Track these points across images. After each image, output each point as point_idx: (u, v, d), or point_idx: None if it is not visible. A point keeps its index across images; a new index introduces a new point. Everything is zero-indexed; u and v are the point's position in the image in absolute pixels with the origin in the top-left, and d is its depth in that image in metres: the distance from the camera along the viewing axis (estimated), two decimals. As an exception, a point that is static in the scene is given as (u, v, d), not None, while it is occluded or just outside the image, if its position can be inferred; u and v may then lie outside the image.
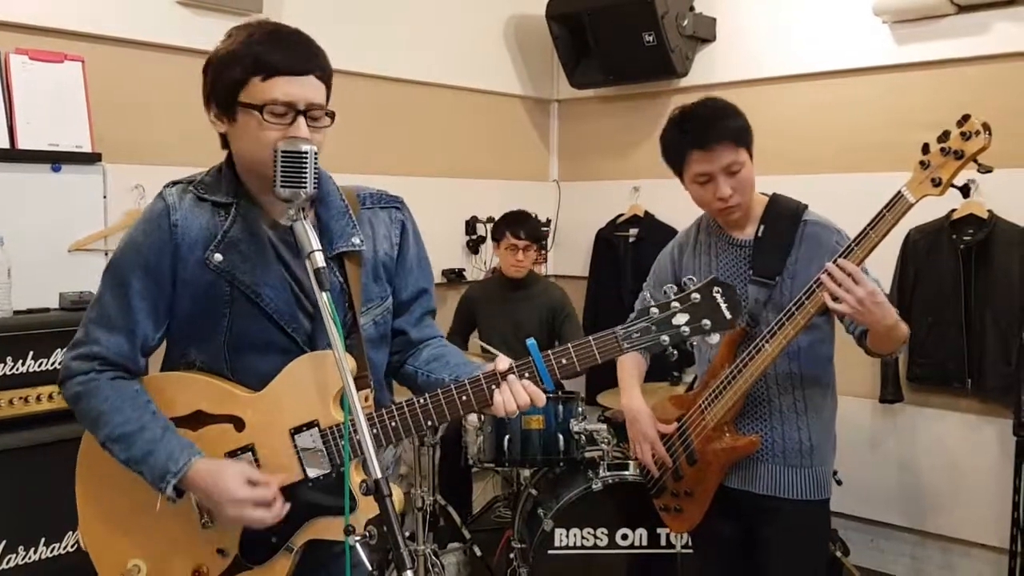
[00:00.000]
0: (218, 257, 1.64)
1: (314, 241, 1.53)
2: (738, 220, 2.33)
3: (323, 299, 1.48)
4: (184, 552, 1.69)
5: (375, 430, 1.61)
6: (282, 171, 1.53)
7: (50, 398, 2.56)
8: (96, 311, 1.67)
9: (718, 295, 1.57)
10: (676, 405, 2.46)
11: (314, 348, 1.68)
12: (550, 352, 1.63)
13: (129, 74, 3.31)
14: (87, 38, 3.18)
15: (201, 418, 1.67)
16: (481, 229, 4.72)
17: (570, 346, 1.62)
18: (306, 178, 1.53)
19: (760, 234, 2.30)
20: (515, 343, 3.90)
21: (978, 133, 1.92)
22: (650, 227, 4.59)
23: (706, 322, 1.57)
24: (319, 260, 1.51)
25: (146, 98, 3.31)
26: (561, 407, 3.47)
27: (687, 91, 4.53)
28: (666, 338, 1.58)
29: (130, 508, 1.70)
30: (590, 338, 1.61)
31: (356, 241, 1.72)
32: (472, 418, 3.51)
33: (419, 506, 3.60)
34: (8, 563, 2.54)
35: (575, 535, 3.28)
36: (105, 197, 3.04)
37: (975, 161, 1.94)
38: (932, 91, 3.79)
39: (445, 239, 4.64)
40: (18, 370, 2.54)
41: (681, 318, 1.57)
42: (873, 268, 2.29)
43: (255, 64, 1.57)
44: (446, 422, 1.70)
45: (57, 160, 2.94)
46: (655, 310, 1.58)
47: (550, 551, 3.27)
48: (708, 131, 2.22)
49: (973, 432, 3.76)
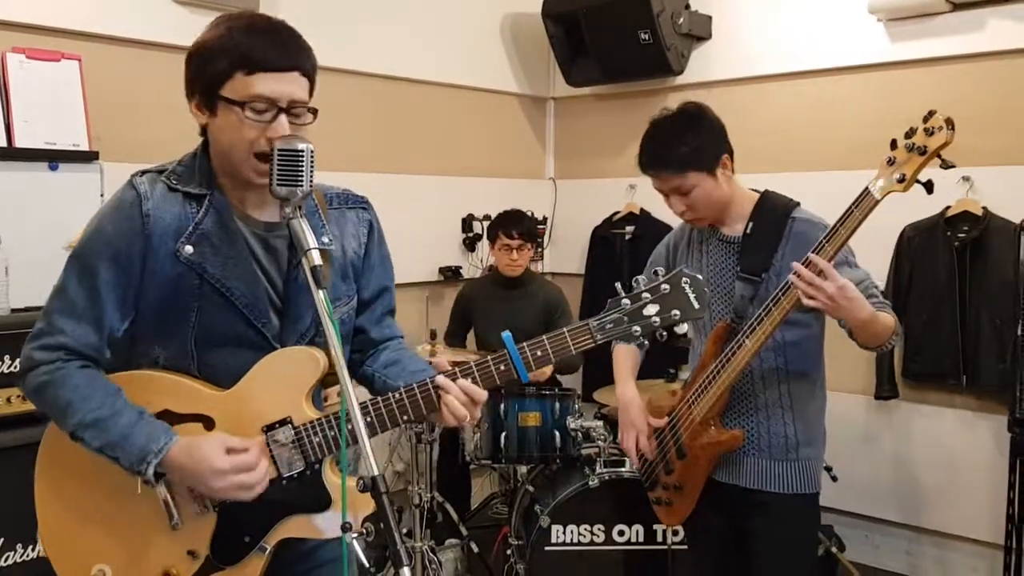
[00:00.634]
0: (189, 249, 1.60)
1: (311, 239, 1.52)
2: (731, 213, 2.35)
3: (319, 297, 1.47)
4: (152, 555, 1.64)
5: (350, 426, 1.60)
6: (279, 169, 1.52)
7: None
8: (60, 301, 1.61)
9: (686, 285, 1.61)
10: (669, 399, 2.49)
11: (283, 345, 1.66)
12: (524, 344, 1.65)
13: (126, 73, 3.31)
14: (84, 37, 3.19)
15: (169, 417, 1.62)
16: (477, 227, 4.72)
17: (544, 338, 1.64)
18: (303, 177, 1.53)
19: (748, 231, 2.32)
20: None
21: (940, 128, 1.92)
22: (646, 225, 4.60)
23: (675, 312, 1.61)
24: (316, 258, 1.49)
25: (143, 97, 3.32)
26: (558, 404, 3.48)
27: (683, 89, 4.55)
28: (638, 328, 1.62)
29: (94, 510, 1.66)
30: (564, 329, 1.64)
31: (326, 240, 1.71)
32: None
33: (416, 503, 3.61)
34: (7, 560, 2.54)
35: (572, 531, 3.29)
36: (102, 195, 3.03)
37: (939, 156, 1.94)
38: (927, 89, 3.80)
39: (441, 237, 4.65)
40: (15, 368, 2.54)
41: (652, 308, 1.62)
42: (867, 265, 2.30)
43: (240, 58, 1.54)
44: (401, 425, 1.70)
45: (54, 159, 2.93)
46: (626, 301, 1.63)
47: (547, 547, 3.28)
48: (651, 158, 2.30)
49: (968, 428, 3.77)
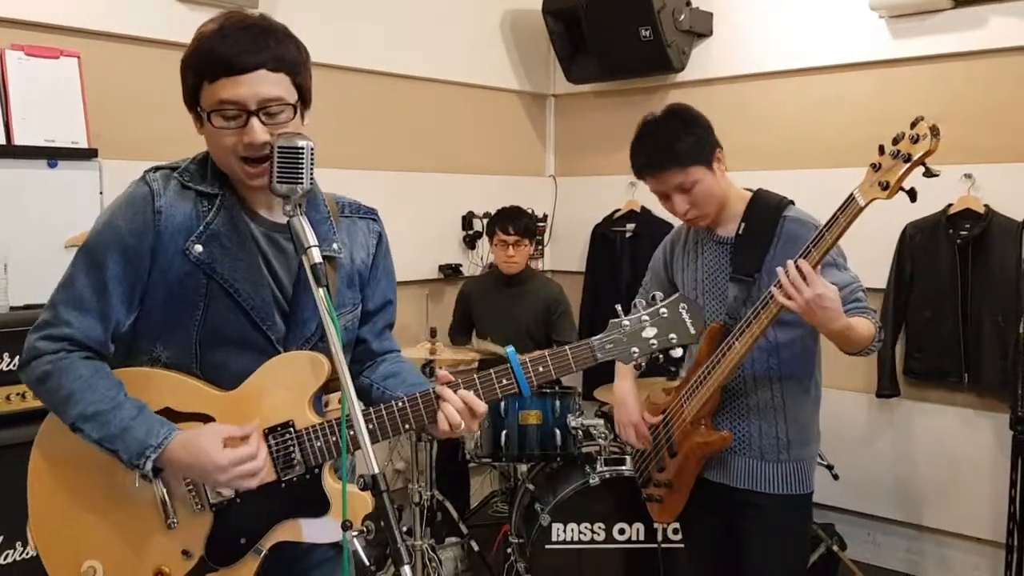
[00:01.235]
0: (199, 248, 1.60)
1: (311, 237, 1.51)
2: (724, 215, 2.35)
3: (319, 294, 1.47)
4: (145, 553, 1.63)
5: (351, 432, 1.60)
6: (278, 167, 1.52)
7: (47, 394, 2.55)
8: (67, 292, 1.61)
9: (683, 311, 1.69)
10: (665, 396, 2.50)
11: (287, 349, 1.66)
12: (527, 360, 1.66)
13: (125, 70, 3.30)
14: (83, 34, 3.18)
15: (169, 416, 1.61)
16: (477, 224, 4.71)
17: (547, 354, 1.67)
18: (302, 174, 1.52)
19: (741, 231, 2.32)
20: (512, 339, 3.89)
21: (925, 136, 1.87)
22: (646, 222, 4.59)
23: (672, 336, 1.69)
24: (316, 256, 1.49)
25: (142, 94, 3.31)
26: (558, 402, 3.48)
27: (683, 86, 4.54)
28: (636, 350, 1.69)
29: (88, 505, 1.64)
30: (567, 348, 1.68)
31: (336, 247, 1.71)
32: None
33: (416, 501, 3.60)
34: (6, 559, 2.54)
35: (572, 530, 3.29)
36: (101, 193, 3.03)
37: (923, 164, 1.89)
38: (929, 86, 3.79)
39: (441, 234, 4.64)
40: (15, 366, 2.53)
41: (650, 331, 1.69)
42: (869, 263, 2.29)
43: (202, 67, 1.54)
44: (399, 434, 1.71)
45: (53, 156, 2.93)
46: (627, 324, 1.69)
47: (547, 546, 3.28)
48: (651, 157, 2.29)
49: (970, 427, 3.77)
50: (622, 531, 3.29)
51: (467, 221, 4.73)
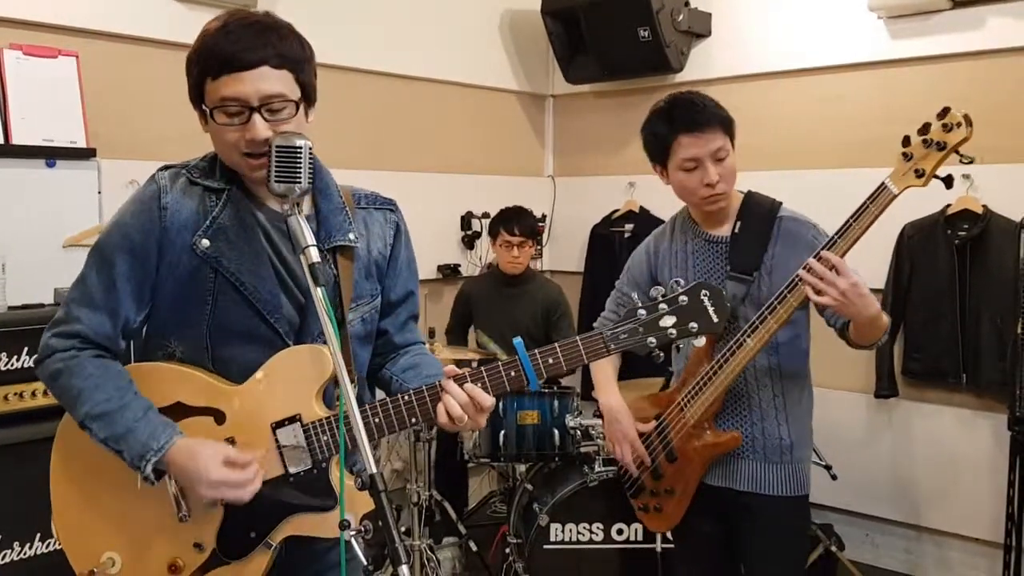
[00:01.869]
0: (205, 243, 1.62)
1: (308, 236, 1.51)
2: (719, 212, 2.33)
3: (318, 294, 1.47)
4: (160, 545, 1.66)
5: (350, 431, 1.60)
6: (276, 166, 1.52)
7: (45, 394, 2.54)
8: (79, 291, 1.64)
9: (705, 298, 1.60)
10: (652, 403, 2.46)
11: (300, 341, 1.66)
12: (537, 351, 1.63)
13: (124, 69, 3.30)
14: (82, 33, 3.18)
15: (181, 410, 1.64)
16: (476, 225, 4.71)
17: (557, 346, 1.62)
18: (300, 173, 1.52)
19: (737, 230, 2.31)
20: (511, 339, 3.89)
21: (959, 125, 1.92)
22: (645, 223, 4.58)
23: (693, 324, 1.59)
24: (314, 255, 1.49)
25: (141, 93, 3.31)
26: (556, 403, 3.48)
27: (682, 86, 4.52)
28: (653, 340, 1.59)
29: (107, 499, 1.68)
30: (577, 338, 1.61)
31: (352, 236, 1.72)
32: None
33: (415, 501, 3.60)
34: (4, 558, 2.54)
35: (571, 530, 3.29)
36: (100, 193, 3.03)
37: (957, 152, 1.95)
38: (927, 86, 3.80)
39: (440, 235, 4.64)
40: (13, 366, 2.53)
41: (668, 320, 1.59)
42: (868, 262, 2.30)
43: (205, 65, 1.55)
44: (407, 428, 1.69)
45: (52, 156, 2.93)
46: (642, 312, 1.60)
47: (546, 546, 3.28)
48: (698, 115, 2.23)
49: (968, 427, 3.77)
50: (620, 531, 3.29)
51: (466, 221, 4.72)
